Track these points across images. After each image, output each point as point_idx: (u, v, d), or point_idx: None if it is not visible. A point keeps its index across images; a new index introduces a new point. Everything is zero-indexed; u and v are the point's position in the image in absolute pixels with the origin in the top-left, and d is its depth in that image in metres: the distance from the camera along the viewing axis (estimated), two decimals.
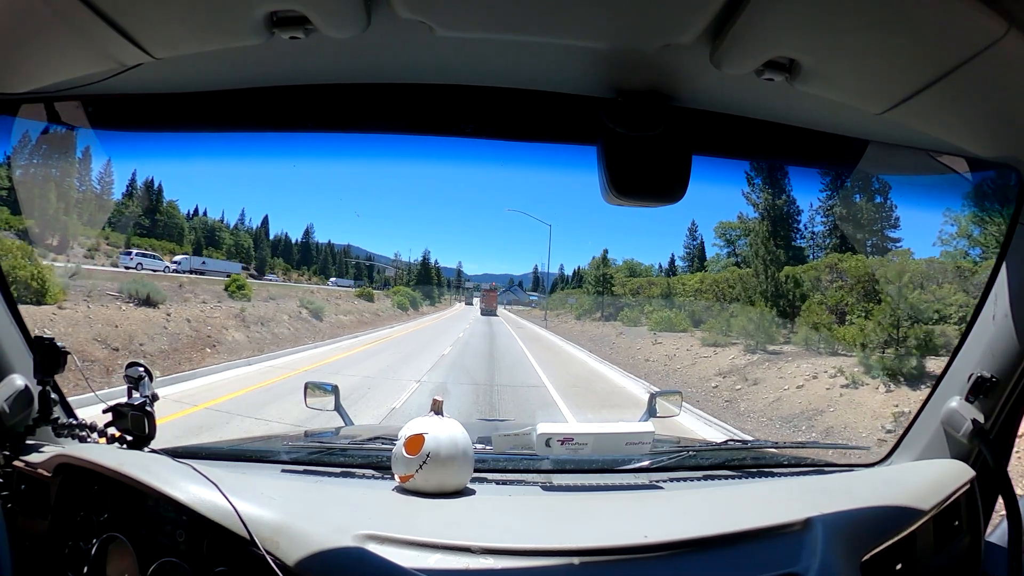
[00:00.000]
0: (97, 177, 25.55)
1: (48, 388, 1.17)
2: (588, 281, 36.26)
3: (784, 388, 10.97)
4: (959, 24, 0.72)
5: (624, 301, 27.48)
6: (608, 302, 29.31)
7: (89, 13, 0.75)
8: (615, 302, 28.50)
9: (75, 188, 21.74)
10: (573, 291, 40.09)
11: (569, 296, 38.53)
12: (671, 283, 25.89)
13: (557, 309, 38.26)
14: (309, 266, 43.00)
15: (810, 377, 11.03)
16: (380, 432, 1.50)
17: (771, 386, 11.28)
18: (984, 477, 1.22)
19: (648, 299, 25.27)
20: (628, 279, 30.81)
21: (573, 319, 31.37)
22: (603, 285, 30.83)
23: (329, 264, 45.17)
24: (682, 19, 0.79)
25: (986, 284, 1.24)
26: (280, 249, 44.08)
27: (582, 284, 41.08)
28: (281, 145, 1.36)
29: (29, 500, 1.12)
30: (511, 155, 1.33)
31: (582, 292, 35.80)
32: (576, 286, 43.99)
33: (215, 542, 0.94)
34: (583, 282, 41.30)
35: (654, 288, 26.87)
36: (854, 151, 1.24)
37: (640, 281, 29.60)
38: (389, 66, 1.05)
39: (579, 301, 33.88)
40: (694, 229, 30.16)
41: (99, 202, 26.05)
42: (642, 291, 27.45)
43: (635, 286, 28.90)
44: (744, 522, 0.99)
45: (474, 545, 0.89)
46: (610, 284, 30.59)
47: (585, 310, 31.27)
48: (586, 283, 37.58)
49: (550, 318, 35.60)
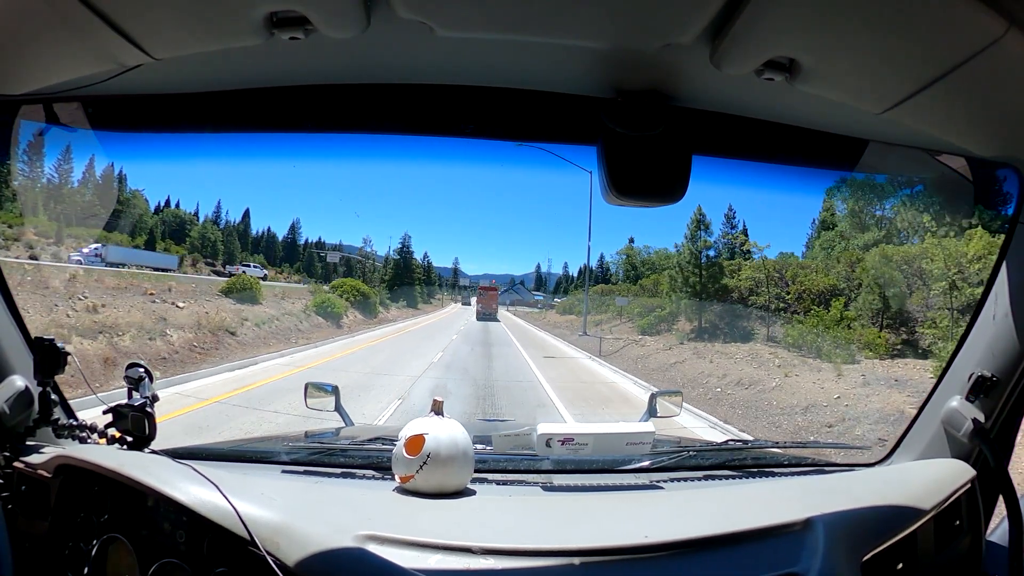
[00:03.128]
0: (54, 165, 23.27)
1: (48, 389, 1.17)
2: (628, 273, 27.91)
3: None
4: (959, 24, 0.72)
5: (728, 304, 17.95)
6: (698, 305, 18.75)
7: (89, 14, 0.75)
8: (711, 305, 18.39)
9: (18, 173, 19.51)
10: (610, 287, 28.65)
11: (613, 294, 26.38)
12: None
13: (594, 313, 26.59)
14: (293, 263, 39.48)
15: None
16: (380, 433, 1.51)
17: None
18: (985, 477, 1.22)
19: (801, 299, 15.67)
20: (726, 264, 19.46)
21: (634, 331, 20.93)
22: (702, 275, 19.15)
23: (315, 261, 41.46)
24: (682, 19, 0.79)
25: (986, 283, 1.24)
26: (262, 245, 40.69)
27: (605, 279, 33.29)
28: (281, 145, 1.37)
29: (29, 501, 1.12)
30: (511, 155, 1.33)
31: (627, 289, 25.59)
32: (588, 283, 33.90)
33: (215, 543, 0.94)
34: (606, 277, 33.62)
35: (811, 279, 16.12)
36: (854, 151, 1.24)
37: (790, 267, 17.27)
38: (389, 66, 1.05)
39: (636, 304, 22.64)
40: (732, 216, 22.25)
41: (46, 190, 23.50)
42: (771, 285, 16.84)
43: (754, 275, 17.81)
44: (745, 522, 0.99)
45: (474, 546, 0.89)
46: (698, 275, 19.25)
47: (659, 319, 19.85)
48: (618, 276, 29.39)
49: (590, 328, 23.98)
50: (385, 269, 38.49)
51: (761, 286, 17.62)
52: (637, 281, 26.33)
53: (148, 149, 1.42)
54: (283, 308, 18.38)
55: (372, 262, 38.79)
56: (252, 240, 40.00)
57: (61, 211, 24.27)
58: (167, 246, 31.74)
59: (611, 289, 28.44)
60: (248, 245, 38.81)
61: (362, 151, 1.43)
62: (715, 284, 19.06)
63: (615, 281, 30.38)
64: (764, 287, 17.47)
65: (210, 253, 34.85)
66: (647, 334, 19.94)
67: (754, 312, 17.53)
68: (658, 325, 20.09)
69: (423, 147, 1.30)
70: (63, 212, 24.21)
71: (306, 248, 41.58)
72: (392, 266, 39.14)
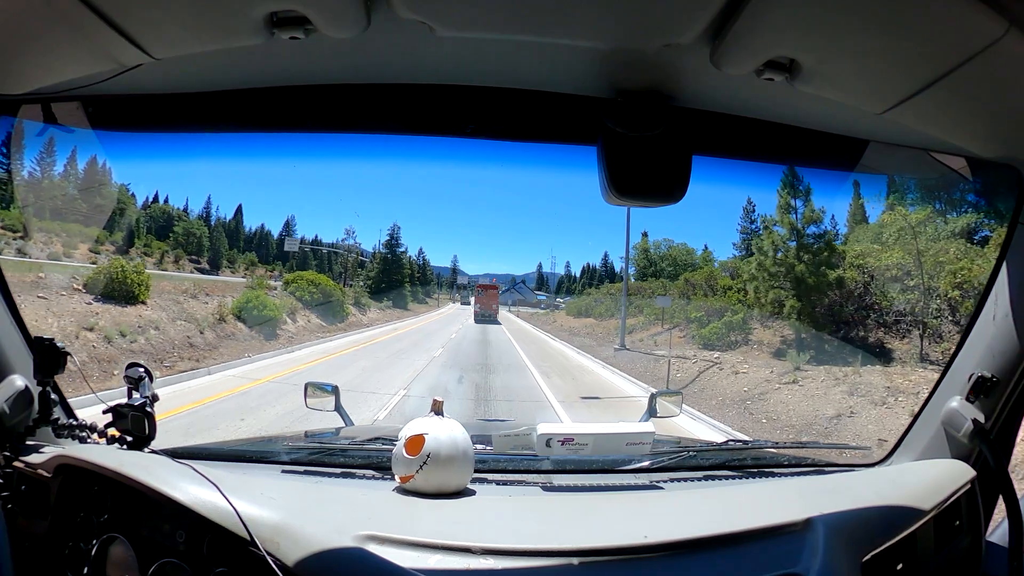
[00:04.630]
0: (35, 160, 21.33)
1: (48, 389, 1.17)
2: (646, 268, 23.17)
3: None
4: (959, 24, 0.72)
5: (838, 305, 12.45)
6: (798, 307, 12.80)
7: (89, 14, 0.75)
8: (816, 306, 12.78)
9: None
10: (639, 284, 22.99)
11: (642, 293, 21.13)
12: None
13: (617, 317, 19.95)
14: (286, 262, 35.91)
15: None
16: (380, 433, 1.50)
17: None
18: (985, 477, 1.22)
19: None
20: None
21: (689, 341, 15.07)
22: (803, 262, 13.09)
23: (310, 259, 40.39)
24: (682, 19, 0.79)
25: (986, 284, 1.24)
26: (255, 243, 38.21)
27: (611, 279, 30.39)
28: (281, 145, 1.37)
29: (29, 500, 1.12)
30: (511, 155, 1.33)
31: (660, 286, 20.59)
32: (592, 284, 32.57)
33: (215, 543, 0.94)
34: (611, 276, 29.99)
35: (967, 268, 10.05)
36: (854, 151, 1.24)
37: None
38: (389, 66, 1.05)
39: (690, 307, 16.67)
40: (751, 209, 19.61)
41: (23, 185, 21.52)
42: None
43: (892, 261, 11.74)
44: (744, 522, 0.99)
45: (474, 546, 0.89)
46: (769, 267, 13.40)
47: (730, 326, 14.17)
48: (646, 271, 23.92)
49: (631, 342, 17.31)
50: (372, 265, 34.10)
51: (907, 278, 11.39)
52: (656, 277, 22.69)
53: (148, 149, 1.42)
54: (179, 310, 12.76)
55: (356, 256, 34.03)
56: (245, 238, 37.98)
57: (36, 206, 23.09)
58: (147, 241, 29.41)
59: (639, 287, 22.56)
60: (240, 243, 36.87)
61: (362, 151, 1.43)
62: (821, 275, 12.72)
63: (642, 277, 24.66)
64: (913, 278, 11.19)
65: (195, 250, 33.07)
66: (713, 347, 14.06)
67: (882, 317, 12.17)
68: (729, 335, 14.29)
69: (423, 147, 1.30)
70: (38, 207, 23.05)
71: (301, 244, 39.85)
72: (379, 261, 34.19)
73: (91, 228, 23.08)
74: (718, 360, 13.09)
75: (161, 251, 29.21)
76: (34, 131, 1.20)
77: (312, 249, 37.80)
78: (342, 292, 21.91)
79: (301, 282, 19.68)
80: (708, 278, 18.56)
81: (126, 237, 25.91)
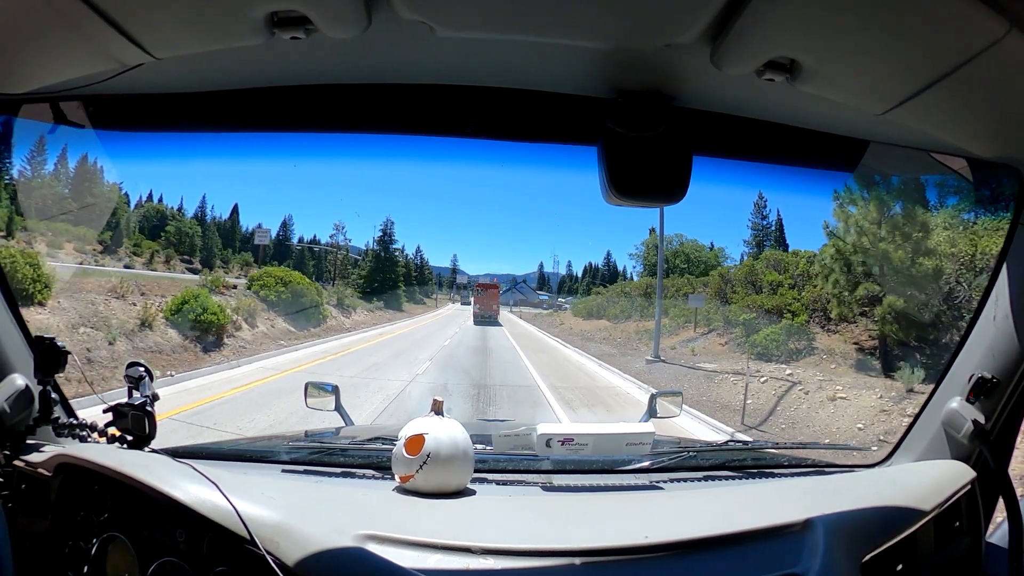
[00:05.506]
0: (25, 158, 20.43)
1: (48, 388, 1.17)
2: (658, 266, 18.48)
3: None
4: (959, 24, 0.72)
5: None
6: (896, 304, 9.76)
7: (90, 13, 0.75)
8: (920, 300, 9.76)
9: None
10: (665, 280, 18.75)
11: (666, 292, 17.52)
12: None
13: (639, 319, 18.47)
14: (283, 261, 34.18)
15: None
16: (380, 432, 1.50)
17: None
18: (985, 478, 1.22)
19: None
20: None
21: (734, 349, 12.60)
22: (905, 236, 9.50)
23: (307, 259, 35.97)
24: (682, 19, 0.79)
25: (987, 284, 1.24)
26: (252, 243, 38.89)
27: (612, 279, 27.81)
28: (281, 145, 1.37)
29: (29, 500, 1.12)
30: (511, 155, 1.33)
31: (687, 284, 17.97)
32: (595, 284, 30.32)
33: (215, 542, 0.94)
34: (613, 277, 28.08)
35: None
36: (855, 151, 1.24)
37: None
38: (390, 66, 1.05)
39: (730, 308, 14.16)
40: (763, 204, 18.26)
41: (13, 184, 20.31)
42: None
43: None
44: (745, 523, 0.99)
45: (474, 545, 0.89)
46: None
47: (791, 330, 11.75)
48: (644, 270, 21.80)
49: (648, 343, 14.98)
50: (364, 263, 32.09)
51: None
52: (669, 275, 19.98)
53: (149, 148, 1.42)
54: (91, 313, 10.26)
55: (345, 253, 31.87)
56: (241, 237, 36.25)
57: (25, 204, 22.47)
58: (137, 240, 28.21)
59: (660, 285, 18.35)
60: (236, 242, 35.37)
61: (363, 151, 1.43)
62: (919, 265, 9.64)
63: (653, 275, 21.59)
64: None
65: (187, 250, 31.93)
66: (769, 357, 11.24)
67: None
68: (789, 342, 11.50)
69: (423, 147, 1.30)
70: (27, 206, 22.42)
71: (299, 244, 38.78)
72: (371, 259, 31.86)
73: (79, 227, 22.07)
74: (791, 377, 9.97)
75: (151, 251, 28.10)
76: (35, 131, 1.20)
77: (309, 248, 36.29)
78: (318, 291, 18.97)
79: (268, 279, 16.59)
80: (748, 273, 15.39)
81: (114, 236, 24.81)
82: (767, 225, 18.29)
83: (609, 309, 22.18)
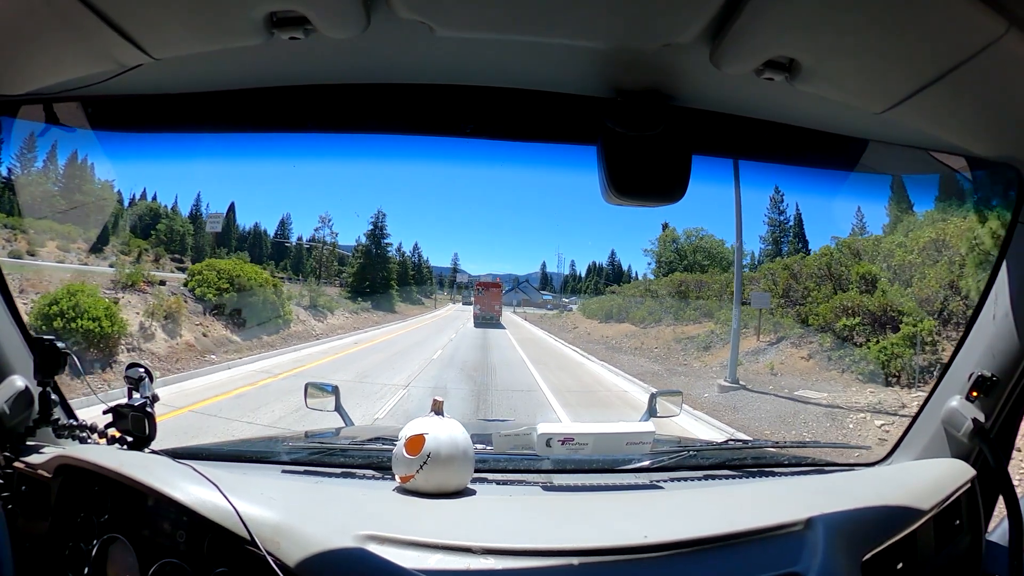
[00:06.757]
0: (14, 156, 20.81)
1: (48, 389, 1.17)
2: (673, 262, 17.47)
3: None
4: (959, 24, 0.72)
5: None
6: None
7: (89, 14, 0.75)
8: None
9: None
10: (696, 276, 17.51)
11: (682, 293, 16.49)
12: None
13: (658, 324, 16.36)
14: (280, 261, 34.07)
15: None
16: (380, 433, 1.50)
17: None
18: (985, 476, 1.22)
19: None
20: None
21: (820, 364, 10.17)
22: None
23: (304, 259, 34.76)
24: (682, 19, 0.79)
25: (986, 283, 1.24)
26: (249, 242, 36.28)
27: (617, 279, 26.08)
28: (281, 145, 1.37)
29: (29, 501, 1.12)
30: (511, 155, 1.33)
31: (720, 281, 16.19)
32: (607, 282, 28.91)
33: (216, 543, 0.94)
34: (618, 276, 26.24)
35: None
36: (854, 150, 1.24)
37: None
38: (389, 66, 1.05)
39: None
40: (779, 199, 16.91)
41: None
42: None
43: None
44: (745, 522, 0.99)
45: (475, 545, 0.89)
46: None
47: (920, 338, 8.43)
48: (675, 264, 19.64)
49: (696, 356, 13.36)
50: (353, 260, 30.32)
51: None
52: (688, 271, 17.82)
53: (148, 149, 1.42)
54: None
55: (332, 248, 29.97)
56: (237, 236, 35.72)
57: (18, 203, 21.85)
58: (126, 239, 26.73)
59: (684, 281, 16.02)
60: (231, 241, 34.60)
61: (363, 151, 1.43)
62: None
63: (669, 272, 19.91)
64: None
65: (178, 249, 30.98)
66: (889, 380, 8.93)
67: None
68: (914, 358, 8.91)
69: (423, 147, 1.30)
70: (11, 203, 21.86)
71: (298, 243, 37.70)
72: (361, 255, 29.74)
73: (64, 225, 21.05)
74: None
75: (140, 249, 26.47)
76: (34, 131, 1.20)
77: (298, 245, 35.05)
78: (275, 289, 15.82)
79: (208, 274, 13.36)
80: (826, 263, 12.27)
81: (100, 234, 23.17)
82: (784, 220, 16.94)
83: (634, 311, 19.35)
